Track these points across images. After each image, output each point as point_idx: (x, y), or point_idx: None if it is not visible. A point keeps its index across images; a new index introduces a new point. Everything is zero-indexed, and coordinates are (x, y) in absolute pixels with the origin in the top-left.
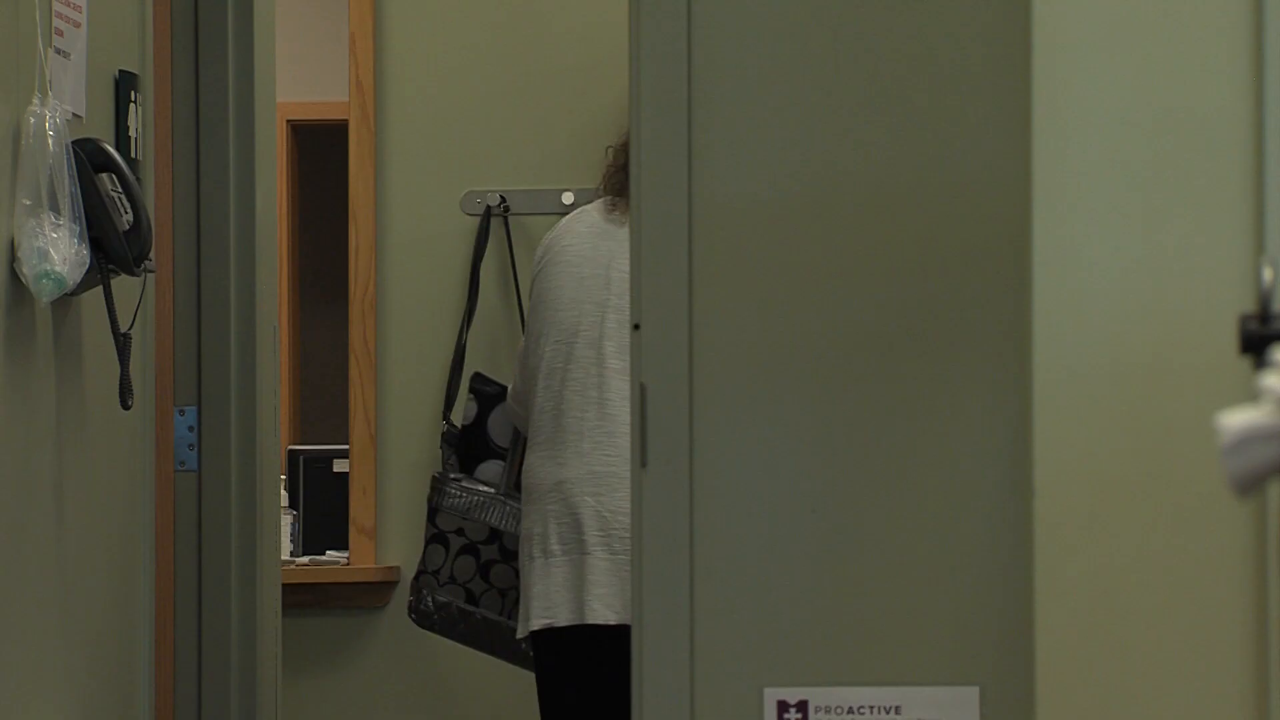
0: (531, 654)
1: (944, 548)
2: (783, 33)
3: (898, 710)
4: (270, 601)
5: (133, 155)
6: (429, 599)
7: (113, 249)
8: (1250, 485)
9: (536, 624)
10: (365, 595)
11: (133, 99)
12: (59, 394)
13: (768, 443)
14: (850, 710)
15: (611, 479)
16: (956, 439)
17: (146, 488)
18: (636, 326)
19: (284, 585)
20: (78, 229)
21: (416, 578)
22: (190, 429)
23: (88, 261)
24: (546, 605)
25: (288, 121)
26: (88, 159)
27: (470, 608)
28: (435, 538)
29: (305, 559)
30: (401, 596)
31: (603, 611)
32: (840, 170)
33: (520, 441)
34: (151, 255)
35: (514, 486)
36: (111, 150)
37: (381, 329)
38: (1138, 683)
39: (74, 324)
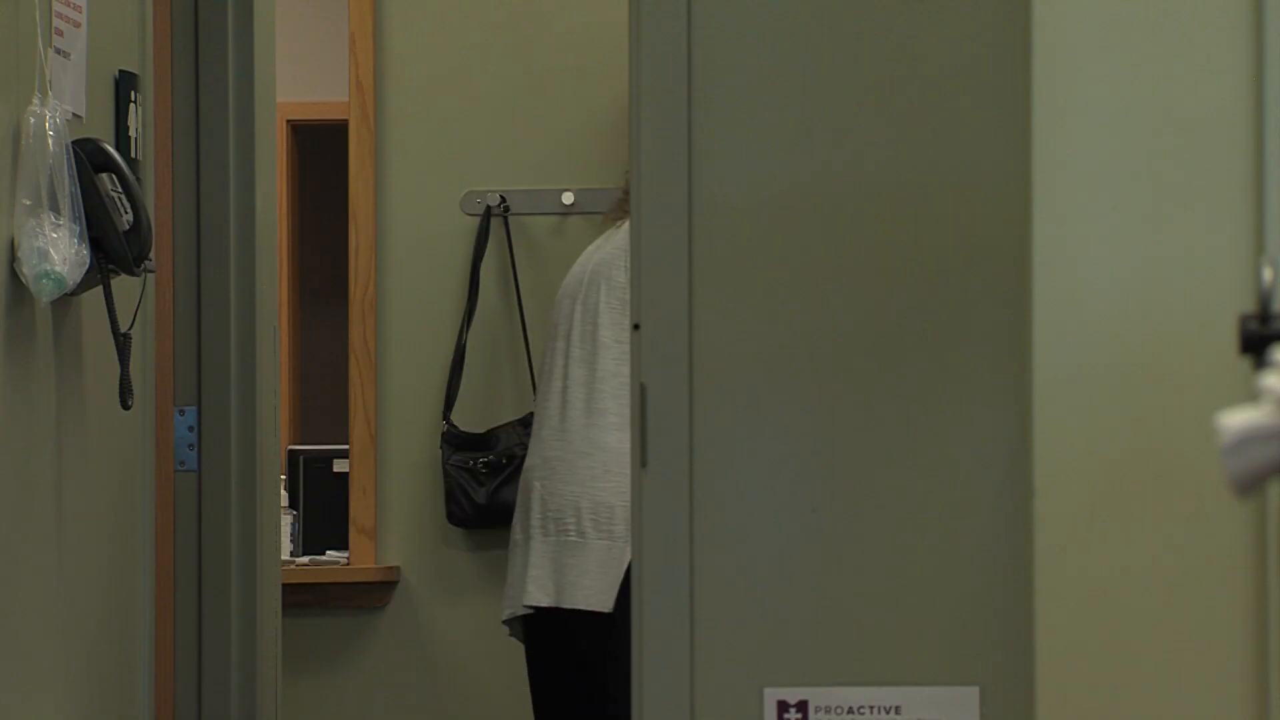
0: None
1: (944, 548)
2: (783, 33)
3: (898, 710)
4: (270, 601)
5: (133, 155)
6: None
7: (113, 249)
8: (1250, 485)
9: (504, 614)
10: (365, 595)
11: (133, 99)
12: (59, 394)
13: (768, 443)
14: (850, 710)
15: (559, 464)
16: (956, 439)
17: (146, 488)
18: (636, 326)
19: (284, 585)
20: (78, 229)
21: None
22: (190, 429)
23: (88, 261)
24: (510, 595)
25: (288, 121)
26: (88, 159)
27: None
28: None
29: (305, 559)
30: (401, 596)
31: (535, 594)
32: (840, 170)
33: None
34: (151, 255)
35: None
36: (111, 150)
37: (381, 329)
38: (1138, 683)
39: (74, 324)
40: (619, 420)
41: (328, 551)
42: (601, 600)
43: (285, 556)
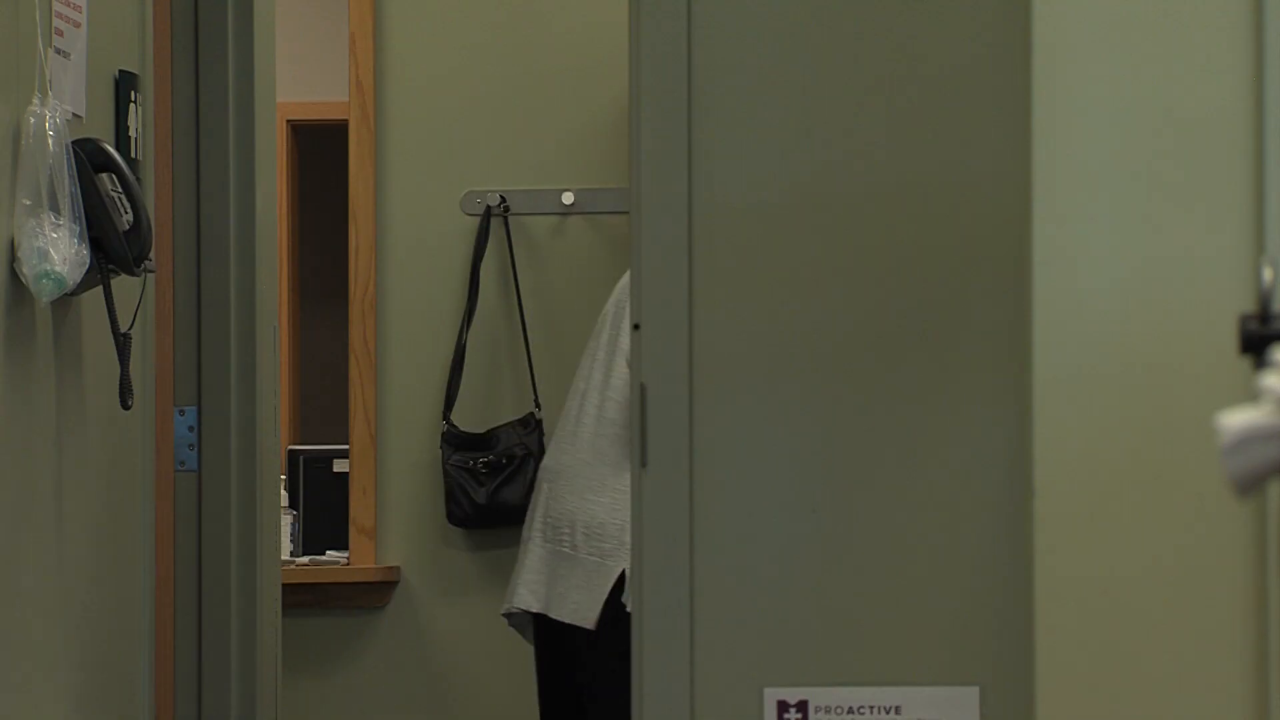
0: None
1: (944, 548)
2: (783, 33)
3: (898, 710)
4: (270, 601)
5: (133, 155)
6: None
7: (113, 249)
8: (1250, 485)
9: (503, 608)
10: (365, 595)
11: (133, 99)
12: (59, 394)
13: (768, 443)
14: (850, 710)
15: (565, 471)
16: (956, 439)
17: (146, 488)
18: (636, 326)
19: (284, 585)
20: (78, 229)
21: None
22: (190, 429)
23: (88, 261)
24: (510, 591)
25: (288, 121)
26: (88, 159)
27: None
28: None
29: (305, 559)
30: (401, 596)
31: (527, 597)
32: (840, 170)
33: None
34: (151, 255)
35: None
36: (111, 150)
37: (381, 329)
38: (1138, 683)
39: (74, 324)
40: (624, 432)
41: (328, 551)
42: (585, 616)
43: (285, 556)
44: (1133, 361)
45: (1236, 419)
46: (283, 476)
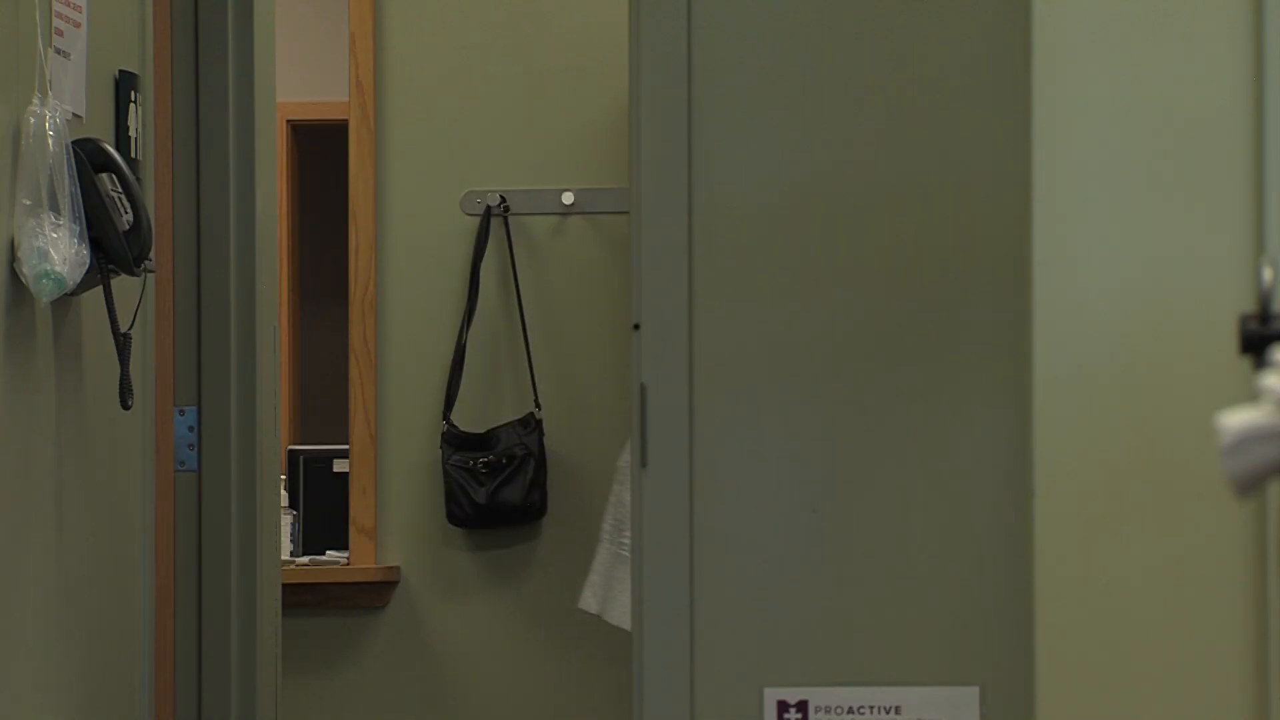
0: None
1: (944, 548)
2: (783, 33)
3: (898, 710)
4: (270, 601)
5: (133, 155)
6: None
7: (113, 249)
8: (1250, 485)
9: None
10: (365, 595)
11: (133, 99)
12: (59, 394)
13: (767, 443)
14: (850, 710)
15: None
16: (956, 439)
17: (146, 488)
18: (636, 326)
19: (284, 585)
20: (78, 229)
21: None
22: (190, 429)
23: (88, 261)
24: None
25: (288, 121)
26: (88, 159)
27: None
28: None
29: (305, 559)
30: (401, 596)
31: (588, 599)
32: (840, 170)
33: None
34: (151, 255)
35: None
36: (111, 150)
37: (381, 329)
38: (1137, 682)
39: (74, 324)
40: None
41: (328, 551)
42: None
43: (285, 556)
44: (1133, 361)
45: (1236, 419)
46: (283, 476)
